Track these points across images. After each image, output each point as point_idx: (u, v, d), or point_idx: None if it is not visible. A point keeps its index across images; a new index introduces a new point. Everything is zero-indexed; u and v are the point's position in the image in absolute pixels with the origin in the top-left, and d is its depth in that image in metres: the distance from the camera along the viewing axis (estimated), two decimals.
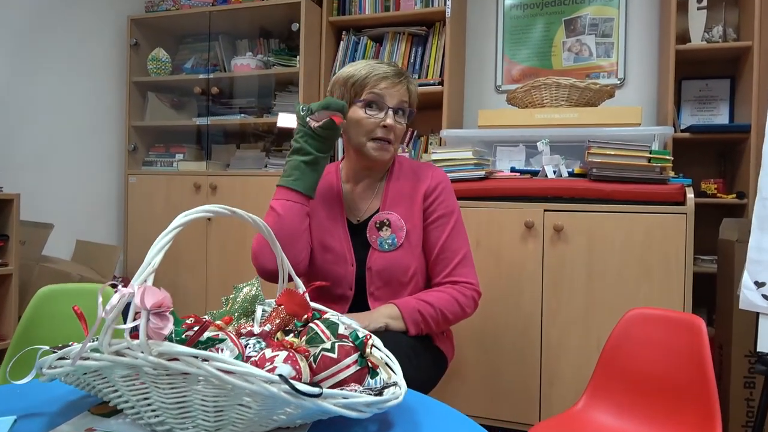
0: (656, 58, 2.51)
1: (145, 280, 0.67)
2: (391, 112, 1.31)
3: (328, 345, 0.80)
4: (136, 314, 0.65)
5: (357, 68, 1.34)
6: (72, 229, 2.65)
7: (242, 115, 2.72)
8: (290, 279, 1.06)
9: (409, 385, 1.12)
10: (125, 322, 0.66)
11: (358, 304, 1.37)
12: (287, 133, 2.74)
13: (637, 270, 1.73)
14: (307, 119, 1.27)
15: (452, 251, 1.37)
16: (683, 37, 2.30)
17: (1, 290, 1.95)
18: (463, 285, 1.36)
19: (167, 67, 2.82)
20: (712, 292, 2.13)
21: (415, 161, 1.48)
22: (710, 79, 2.41)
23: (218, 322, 0.84)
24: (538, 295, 1.82)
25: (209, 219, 2.64)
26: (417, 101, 1.42)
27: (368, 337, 0.83)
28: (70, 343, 0.89)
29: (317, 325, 0.87)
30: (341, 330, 0.87)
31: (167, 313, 0.66)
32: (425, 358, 1.29)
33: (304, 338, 0.87)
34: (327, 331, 0.86)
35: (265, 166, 2.68)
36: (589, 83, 2.15)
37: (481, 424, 1.92)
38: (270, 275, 1.29)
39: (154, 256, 0.68)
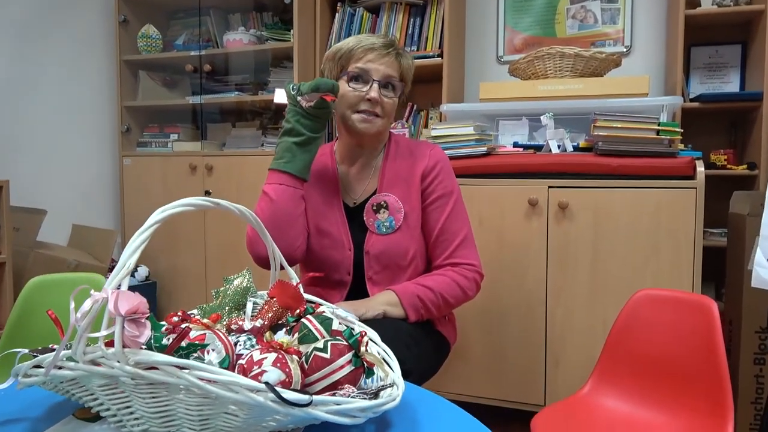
0: (664, 23, 2.41)
1: (120, 284, 0.62)
2: (376, 85, 1.26)
3: (320, 344, 0.75)
4: (111, 321, 0.61)
5: (345, 41, 1.30)
6: (68, 214, 2.60)
7: (236, 92, 2.65)
8: (282, 268, 1.02)
9: (409, 375, 1.09)
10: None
11: (357, 289, 1.33)
12: (284, 109, 2.66)
13: (645, 248, 1.68)
14: (298, 98, 1.22)
15: (452, 233, 1.33)
16: (692, 1, 2.20)
17: None
18: (465, 267, 1.32)
19: (158, 44, 2.74)
20: (722, 266, 2.08)
21: (412, 140, 1.43)
22: (720, 45, 2.32)
23: (205, 321, 0.79)
24: (542, 275, 1.78)
25: None
26: (411, 76, 1.36)
27: (363, 334, 0.78)
28: (51, 346, 0.85)
29: (310, 321, 0.83)
30: (335, 326, 0.83)
31: (144, 320, 0.62)
32: (426, 345, 1.26)
33: (296, 336, 0.82)
34: (320, 328, 0.82)
35: (262, 145, 2.62)
36: (595, 52, 2.06)
37: (486, 406, 1.91)
38: (266, 263, 1.24)
39: (128, 258, 0.63)
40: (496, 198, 1.82)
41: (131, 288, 0.62)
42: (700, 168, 1.64)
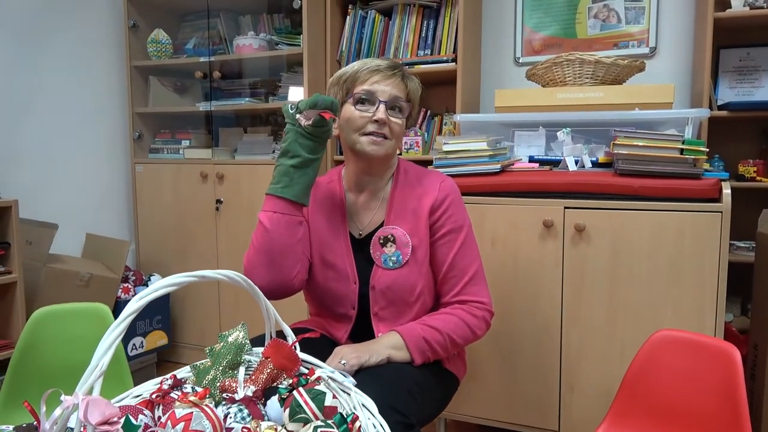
0: (692, 24, 2.29)
1: (92, 387, 0.59)
2: (383, 106, 1.22)
3: (309, 430, 0.72)
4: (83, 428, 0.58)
5: (350, 65, 1.27)
6: (81, 223, 2.61)
7: (247, 99, 2.61)
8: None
9: (412, 429, 1.05)
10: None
11: (362, 325, 1.29)
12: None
13: (666, 273, 1.60)
14: (297, 117, 1.16)
15: (461, 269, 1.28)
16: (722, 1, 2.08)
17: (7, 297, 1.93)
18: (473, 305, 1.28)
19: (168, 49, 2.70)
20: (749, 281, 1.99)
21: (421, 169, 1.37)
22: (752, 47, 2.19)
23: (192, 398, 0.76)
24: (558, 299, 1.72)
25: (217, 209, 2.58)
26: (418, 98, 1.31)
27: (355, 418, 0.75)
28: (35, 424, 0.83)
29: (302, 396, 0.79)
30: (329, 401, 0.79)
31: (117, 428, 0.59)
32: (433, 390, 1.22)
33: (286, 411, 0.79)
34: (312, 405, 0.78)
35: (273, 152, 2.58)
36: (616, 58, 1.97)
37: (499, 429, 1.86)
38: (264, 292, 1.20)
39: (101, 357, 0.60)
40: (509, 218, 1.76)
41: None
42: (726, 190, 1.56)
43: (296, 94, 2.53)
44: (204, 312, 2.67)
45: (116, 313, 2.34)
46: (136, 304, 0.65)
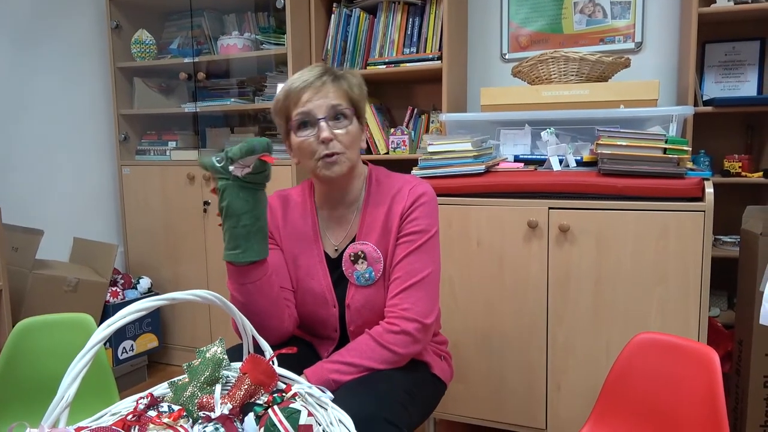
0: (678, 18, 2.28)
1: (58, 419, 0.59)
2: (323, 123, 1.14)
3: None
4: None
5: (280, 90, 1.20)
6: (68, 227, 2.60)
7: (233, 99, 2.59)
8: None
9: None
10: None
11: (346, 344, 1.27)
12: None
13: (651, 272, 1.61)
14: (230, 168, 1.03)
15: (408, 272, 1.17)
16: None
17: None
18: (396, 317, 1.15)
19: (152, 50, 2.68)
20: (734, 275, 2.00)
21: (393, 175, 1.28)
22: (737, 41, 2.19)
23: (166, 420, 0.76)
24: (543, 299, 1.72)
25: (205, 210, 2.57)
26: (363, 93, 1.23)
27: None
28: None
29: (276, 415, 0.79)
30: (303, 419, 0.80)
31: None
32: (423, 396, 1.21)
33: (262, 429, 0.79)
34: (286, 424, 0.78)
35: None
36: (601, 56, 1.96)
37: (486, 428, 1.88)
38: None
39: (67, 388, 0.60)
40: (494, 219, 1.76)
41: (135, 301, 0.58)
42: (709, 189, 1.56)
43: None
44: (194, 313, 2.67)
45: (105, 318, 2.34)
46: (102, 333, 0.65)
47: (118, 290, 2.45)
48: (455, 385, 1.84)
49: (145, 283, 2.58)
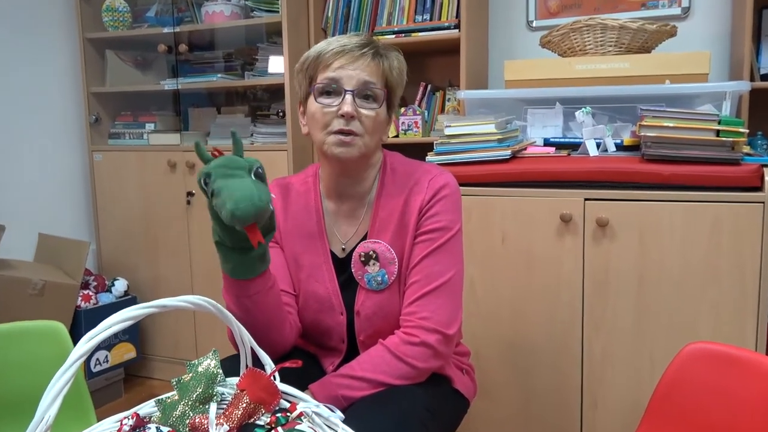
0: None
1: None
2: (349, 97, 1.13)
3: None
4: None
5: (314, 47, 1.19)
6: (33, 222, 2.61)
7: (219, 75, 2.59)
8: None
9: None
10: None
11: (354, 356, 1.27)
12: (275, 90, 2.60)
13: (702, 273, 1.61)
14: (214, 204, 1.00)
15: (427, 275, 1.16)
16: None
17: None
18: (413, 326, 1.14)
19: (126, 18, 2.68)
20: None
21: (412, 163, 1.28)
22: None
23: None
24: (578, 304, 1.73)
25: (188, 202, 2.57)
26: (401, 80, 1.23)
27: None
28: None
29: None
30: None
31: None
32: (445, 413, 1.21)
33: None
34: None
35: (251, 135, 2.56)
36: (644, 23, 1.96)
37: None
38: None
39: (46, 409, 0.60)
40: (521, 212, 1.76)
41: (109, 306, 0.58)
42: None
43: (277, 65, 2.50)
44: (177, 320, 2.68)
45: (76, 325, 2.35)
46: (84, 345, 0.65)
47: (91, 293, 2.46)
48: (478, 403, 1.84)
49: (120, 285, 2.59)
